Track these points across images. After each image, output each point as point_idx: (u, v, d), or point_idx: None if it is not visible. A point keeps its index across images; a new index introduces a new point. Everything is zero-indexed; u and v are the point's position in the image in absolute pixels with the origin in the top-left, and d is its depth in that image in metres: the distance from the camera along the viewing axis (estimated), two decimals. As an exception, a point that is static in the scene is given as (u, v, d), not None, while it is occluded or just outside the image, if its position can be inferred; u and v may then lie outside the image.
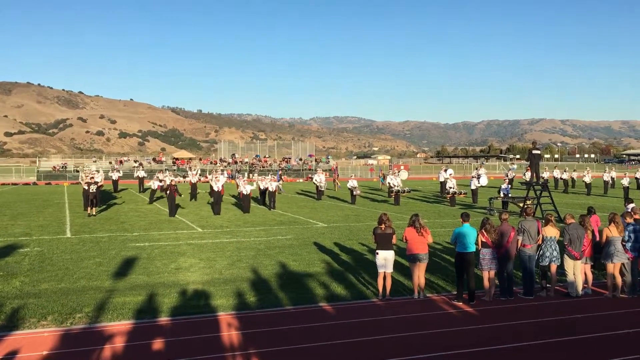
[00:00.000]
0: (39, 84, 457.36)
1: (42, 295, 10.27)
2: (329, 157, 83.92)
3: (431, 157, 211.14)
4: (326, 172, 46.42)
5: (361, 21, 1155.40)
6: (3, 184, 52.50)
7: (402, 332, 8.32)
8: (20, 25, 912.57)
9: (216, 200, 24.98)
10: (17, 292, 10.50)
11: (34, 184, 53.85)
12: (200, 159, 75.93)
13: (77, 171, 59.22)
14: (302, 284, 11.28)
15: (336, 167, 61.55)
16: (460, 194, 29.69)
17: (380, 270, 10.19)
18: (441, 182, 35.76)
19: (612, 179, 41.18)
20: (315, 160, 72.03)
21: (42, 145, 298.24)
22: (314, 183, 33.91)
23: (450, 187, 29.28)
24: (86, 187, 24.15)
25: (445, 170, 35.10)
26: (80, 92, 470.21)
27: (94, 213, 23.55)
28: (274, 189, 27.37)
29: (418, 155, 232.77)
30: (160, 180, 29.64)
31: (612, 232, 10.45)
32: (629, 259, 10.46)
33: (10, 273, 12.17)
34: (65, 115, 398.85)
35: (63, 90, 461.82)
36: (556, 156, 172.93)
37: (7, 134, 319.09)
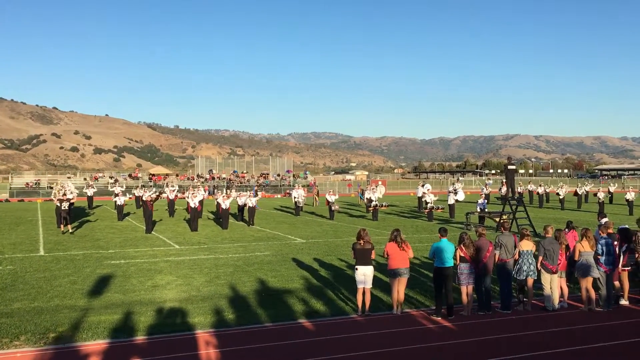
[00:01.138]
0: (11, 100, 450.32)
1: (14, 315, 10.04)
2: (307, 172, 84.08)
3: (408, 172, 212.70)
4: (304, 188, 46.38)
5: (337, 37, 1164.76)
6: (-26, 201, 51.38)
7: (382, 347, 8.30)
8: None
9: (193, 216, 24.78)
10: (-12, 312, 10.25)
11: (7, 200, 52.85)
12: (177, 175, 75.41)
13: (51, 187, 58.36)
14: (281, 300, 11.21)
15: (314, 182, 61.64)
16: (438, 209, 29.91)
17: (360, 286, 10.18)
18: (419, 197, 36.00)
19: (586, 193, 41.90)
20: (293, 175, 72.06)
21: (15, 162, 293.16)
22: (293, 199, 33.87)
23: (428, 202, 29.50)
24: (58, 204, 23.76)
25: (423, 185, 35.38)
26: (54, 108, 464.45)
27: (70, 230, 23.15)
28: (253, 204, 27.27)
29: (395, 171, 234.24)
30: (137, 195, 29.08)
31: (585, 247, 10.62)
32: (604, 273, 10.63)
33: (-19, 292, 11.88)
34: (39, 131, 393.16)
35: (37, 105, 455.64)
36: (530, 171, 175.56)
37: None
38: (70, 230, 23.13)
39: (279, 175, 70.75)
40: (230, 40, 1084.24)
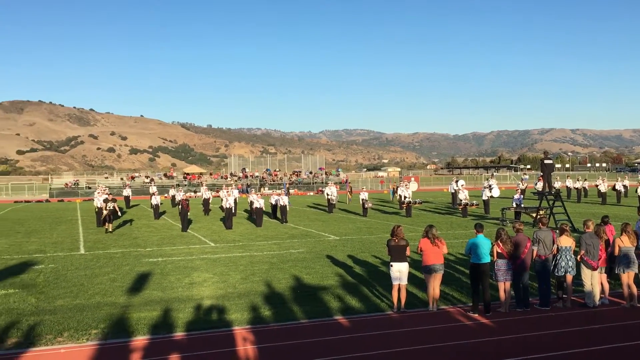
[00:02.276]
0: (50, 102, 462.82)
1: (57, 312, 10.31)
2: (339, 170, 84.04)
3: (441, 168, 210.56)
4: (337, 185, 46.37)
5: (369, 34, 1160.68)
6: (16, 201, 52.97)
7: (418, 344, 8.26)
8: (31, 44, 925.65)
9: (228, 215, 25.04)
10: (33, 309, 10.56)
11: (47, 201, 54.31)
12: (210, 174, 76.29)
13: (89, 188, 59.76)
14: (316, 297, 11.25)
15: (347, 179, 61.59)
16: (472, 205, 29.57)
17: (395, 283, 10.15)
18: (452, 193, 35.66)
19: (625, 187, 40.84)
20: (326, 173, 72.12)
21: (54, 163, 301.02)
22: (326, 196, 33.93)
23: (463, 198, 29.19)
24: (102, 205, 24.32)
25: (457, 182, 35.02)
26: (91, 109, 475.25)
27: (110, 229, 23.68)
28: (284, 203, 27.41)
29: (428, 167, 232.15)
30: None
31: (624, 242, 10.36)
32: (645, 268, 10.36)
33: (26, 290, 12.24)
34: (76, 132, 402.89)
35: (74, 107, 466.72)
36: (567, 166, 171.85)
37: (20, 152, 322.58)
38: (110, 230, 23.64)
39: (311, 172, 70.94)
40: (261, 39, 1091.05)
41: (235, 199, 28.92)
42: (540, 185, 28.57)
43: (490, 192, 30.96)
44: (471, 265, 10.02)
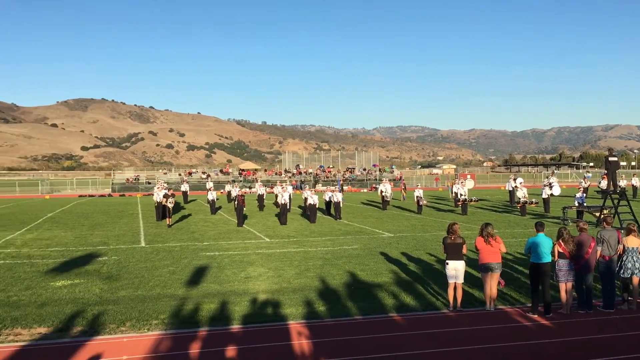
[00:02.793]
0: (112, 100, 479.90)
1: (120, 302, 10.70)
2: (393, 166, 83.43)
3: (498, 165, 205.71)
4: (391, 182, 46.05)
5: (423, 29, 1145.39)
6: (81, 196, 55.17)
7: (474, 344, 8.13)
8: (96, 44, 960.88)
9: (282, 210, 25.30)
10: (97, 299, 10.99)
11: (109, 195, 56.27)
12: (265, 170, 77.16)
13: (149, 183, 61.57)
14: (370, 293, 11.23)
15: (401, 176, 61.10)
16: (532, 203, 28.77)
17: (451, 281, 10.01)
18: (510, 191, 34.81)
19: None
20: (379, 170, 71.75)
21: (116, 159, 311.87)
22: (380, 193, 33.78)
23: (521, 197, 28.46)
24: (160, 200, 24.99)
25: (515, 179, 34.15)
26: (151, 107, 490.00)
27: (169, 223, 24.36)
28: (338, 199, 27.45)
29: (484, 164, 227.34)
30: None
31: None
32: None
33: (90, 280, 12.76)
34: (137, 129, 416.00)
35: (135, 105, 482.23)
36: (633, 164, 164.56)
37: (84, 148, 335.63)
38: (170, 223, 24.32)
39: (364, 169, 70.70)
40: (315, 37, 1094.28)
41: (289, 195, 29.16)
42: (604, 184, 27.54)
43: (551, 190, 30.03)
44: (531, 265, 9.76)
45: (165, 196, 24.95)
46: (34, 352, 7.96)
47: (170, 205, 24.38)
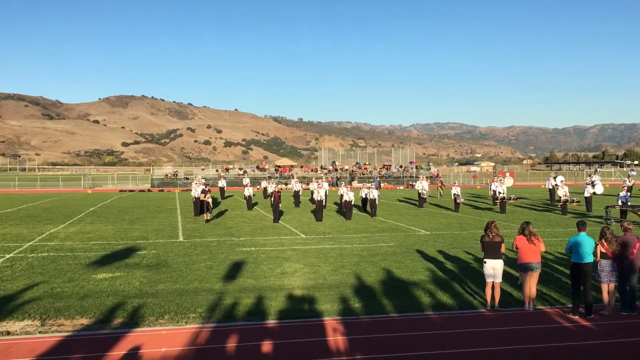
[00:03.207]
0: (152, 97, 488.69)
1: (159, 295, 10.91)
2: (430, 164, 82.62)
3: (539, 163, 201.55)
4: (428, 179, 45.63)
5: (461, 25, 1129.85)
6: (121, 190, 56.37)
7: (513, 344, 8.01)
8: (136, 41, 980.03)
9: (318, 207, 25.36)
10: (137, 292, 11.23)
11: (149, 190, 57.34)
12: (301, 167, 77.47)
13: (187, 179, 62.50)
14: (406, 291, 11.17)
15: (438, 174, 60.50)
16: (573, 201, 28.12)
17: (489, 280, 9.88)
18: (550, 190, 34.10)
19: None
20: (416, 167, 71.20)
21: (155, 155, 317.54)
22: (417, 190, 33.53)
23: (562, 195, 27.84)
24: (199, 196, 25.30)
25: (555, 178, 33.43)
26: (189, 104, 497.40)
27: (208, 218, 24.70)
28: (374, 196, 27.36)
29: (524, 162, 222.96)
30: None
31: None
32: None
33: (131, 273, 13.04)
34: (175, 125, 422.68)
35: (174, 102, 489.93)
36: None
37: (124, 144, 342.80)
38: (209, 218, 24.63)
39: (401, 166, 70.26)
40: (351, 34, 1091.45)
41: (325, 192, 29.22)
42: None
43: (593, 188, 29.28)
44: (572, 265, 9.55)
45: (203, 192, 25.27)
46: (77, 342, 8.19)
47: (209, 200, 24.73)
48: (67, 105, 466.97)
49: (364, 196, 28.87)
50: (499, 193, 29.68)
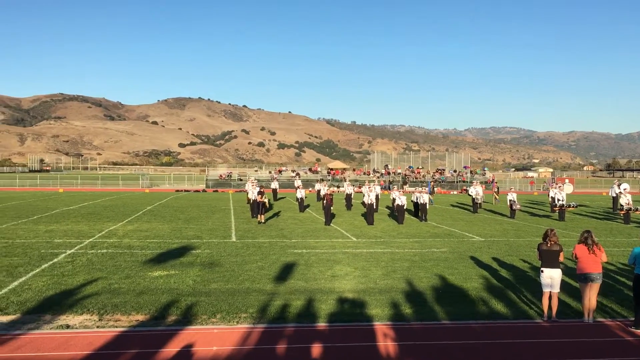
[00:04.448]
0: (208, 99, 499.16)
1: (211, 294, 11.09)
2: (485, 168, 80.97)
3: (600, 170, 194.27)
4: (483, 185, 44.72)
5: (516, 26, 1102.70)
6: (177, 190, 57.76)
7: (570, 357, 7.72)
8: (194, 45, 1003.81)
9: (370, 210, 25.24)
10: (191, 290, 11.45)
11: (204, 191, 58.51)
12: (353, 170, 77.34)
13: (241, 180, 63.43)
14: (459, 298, 10.96)
15: (493, 179, 59.20)
16: (637, 210, 26.95)
17: (546, 290, 9.57)
18: (613, 198, 32.82)
19: None
20: (471, 172, 69.92)
21: (210, 156, 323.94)
22: (470, 195, 32.92)
23: (625, 203, 26.73)
24: (256, 197, 25.46)
25: (619, 185, 32.14)
26: (244, 106, 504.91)
27: (263, 220, 24.94)
28: (425, 200, 27.01)
29: (584, 168, 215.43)
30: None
31: None
32: None
33: (185, 272, 13.32)
34: (230, 127, 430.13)
35: (229, 104, 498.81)
36: None
37: (181, 145, 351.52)
38: (263, 220, 24.84)
39: (455, 171, 69.15)
40: (406, 36, 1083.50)
41: (377, 195, 29.04)
42: None
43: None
44: (635, 277, 9.13)
45: (260, 193, 25.42)
46: (132, 338, 8.42)
47: (265, 200, 24.94)
48: (127, 106, 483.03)
49: (415, 200, 28.55)
50: (558, 200, 28.78)
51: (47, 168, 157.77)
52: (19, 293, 10.92)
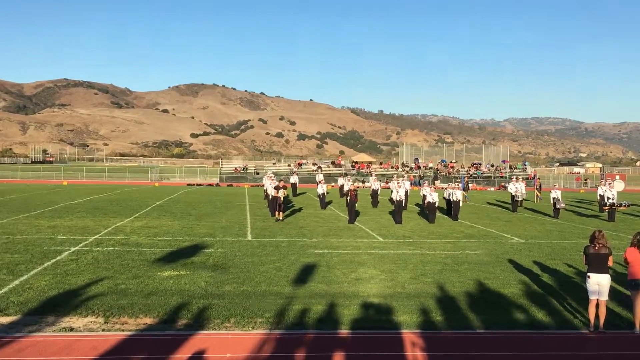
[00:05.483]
0: (223, 86, 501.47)
1: (225, 297, 11.18)
2: (526, 163, 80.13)
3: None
4: (524, 181, 44.28)
5: (563, 8, 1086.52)
6: (189, 184, 58.30)
7: (620, 372, 7.63)
8: (207, 29, 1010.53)
9: (398, 208, 25.16)
10: (202, 292, 11.55)
11: (217, 185, 58.99)
12: (380, 163, 77.16)
13: (257, 173, 63.72)
14: (495, 305, 10.89)
15: (535, 175, 58.63)
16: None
17: (592, 297, 9.45)
18: (669, 196, 32.19)
19: None
20: (510, 166, 69.26)
21: (225, 147, 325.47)
22: (510, 192, 32.66)
23: (609, 198, 26.43)
24: (274, 193, 25.32)
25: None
26: (261, 93, 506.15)
27: (281, 218, 24.97)
28: (458, 198, 26.83)
29: (638, 164, 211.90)
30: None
31: None
32: None
33: (196, 272, 13.44)
34: (246, 116, 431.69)
35: (245, 91, 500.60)
36: None
37: (193, 135, 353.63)
38: (281, 218, 24.90)
39: (492, 165, 68.57)
40: (437, 20, 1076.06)
41: (406, 192, 28.97)
42: None
43: None
44: (693, 284, 8.98)
45: (276, 188, 25.31)
46: (140, 342, 8.53)
47: (281, 196, 24.80)
48: (136, 93, 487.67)
49: (447, 197, 28.38)
50: (608, 198, 28.38)
51: (51, 159, 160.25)
52: (19, 293, 11.13)
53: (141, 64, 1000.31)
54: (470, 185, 54.80)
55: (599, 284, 9.39)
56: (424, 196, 27.76)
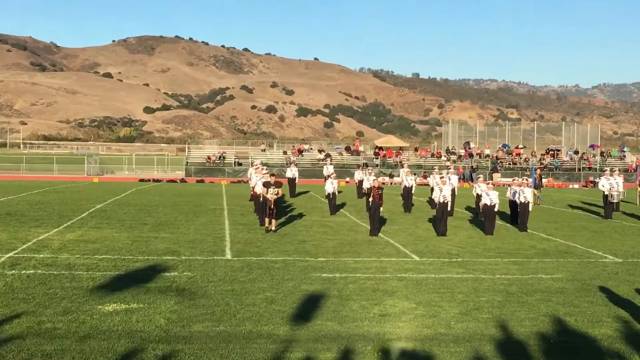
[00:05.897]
0: (190, 39, 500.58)
1: (194, 340, 11.18)
2: (625, 149, 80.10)
3: None
4: (621, 174, 44.18)
5: None
6: (142, 180, 58.39)
7: None
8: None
9: (440, 213, 25.12)
10: (162, 334, 11.55)
11: (182, 180, 58.95)
12: (415, 149, 77.08)
13: (240, 164, 63.68)
14: (582, 352, 10.92)
15: (637, 166, 58.46)
16: None
17: None
18: None
19: None
20: (602, 153, 69.17)
21: (193, 127, 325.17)
22: (602, 191, 32.62)
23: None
24: (262, 191, 24.96)
25: None
26: (245, 50, 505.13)
27: (273, 228, 24.87)
28: (527, 199, 26.77)
29: None
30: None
31: None
32: None
33: (153, 306, 13.46)
34: (224, 82, 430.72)
35: (222, 47, 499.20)
36: None
37: (148, 110, 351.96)
38: (273, 228, 24.83)
39: (576, 152, 68.49)
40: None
41: (453, 190, 28.95)
42: None
43: None
44: None
45: (266, 185, 24.90)
46: (73, 404, 8.54)
47: (272, 197, 24.31)
48: (66, 50, 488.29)
49: (512, 198, 28.32)
50: None
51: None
52: None
53: (73, 7, 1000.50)
54: (544, 180, 54.79)
55: None
56: (478, 196, 27.74)
